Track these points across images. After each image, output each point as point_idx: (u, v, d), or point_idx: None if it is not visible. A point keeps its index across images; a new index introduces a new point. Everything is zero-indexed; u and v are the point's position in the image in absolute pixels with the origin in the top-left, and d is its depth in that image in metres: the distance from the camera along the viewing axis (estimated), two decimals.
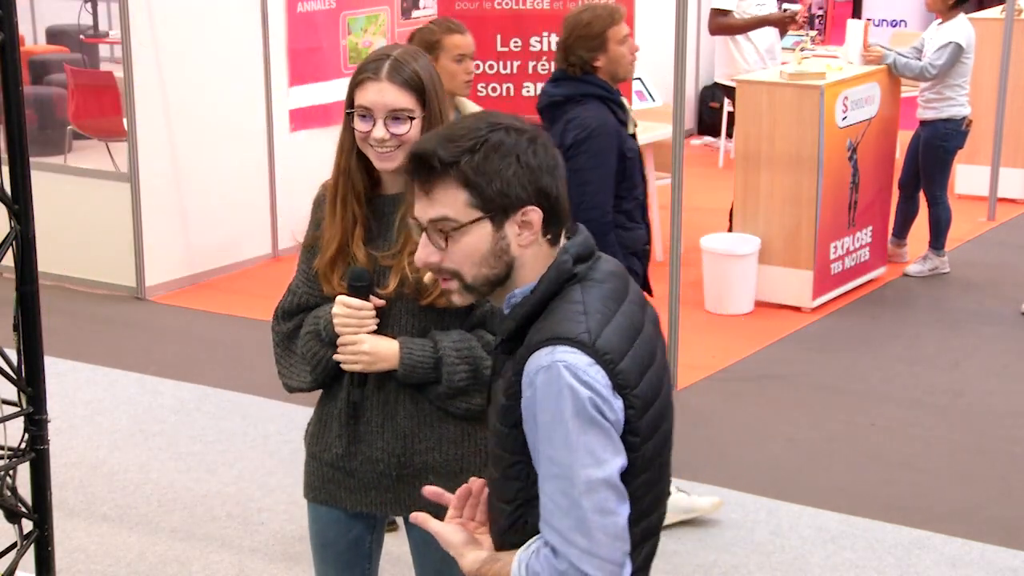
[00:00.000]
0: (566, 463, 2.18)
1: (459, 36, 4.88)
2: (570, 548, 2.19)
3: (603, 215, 4.59)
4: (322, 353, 3.03)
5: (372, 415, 3.06)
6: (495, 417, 2.32)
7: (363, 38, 8.69)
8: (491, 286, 2.29)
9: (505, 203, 2.23)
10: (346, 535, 3.21)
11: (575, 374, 2.17)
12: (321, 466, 3.16)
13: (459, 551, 2.38)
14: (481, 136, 2.23)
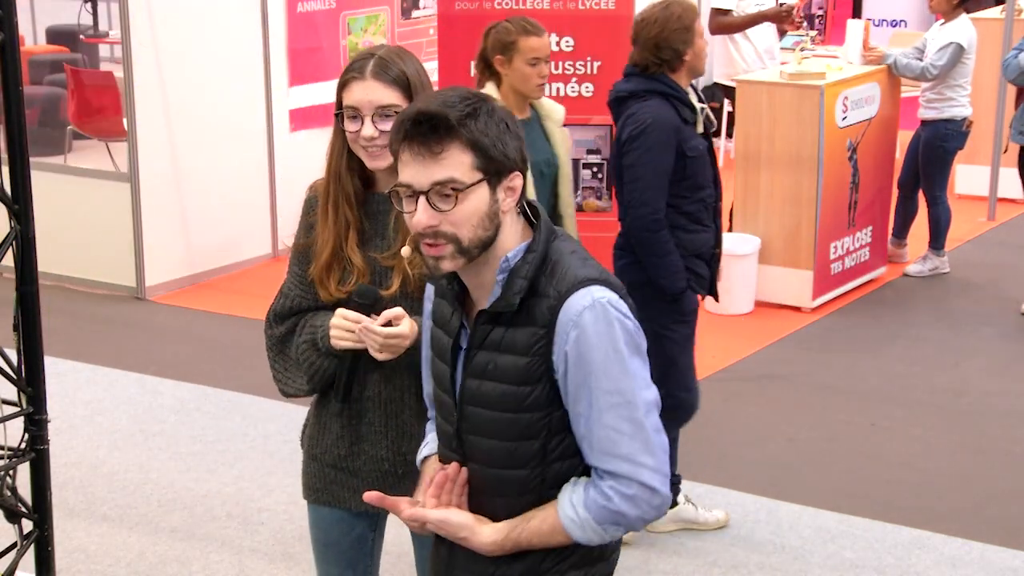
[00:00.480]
0: (627, 389, 2.30)
1: (535, 38, 4.73)
2: (640, 469, 2.31)
3: (652, 212, 4.54)
4: (319, 363, 3.02)
5: (374, 415, 3.05)
6: (506, 382, 2.35)
7: (363, 38, 8.69)
8: (482, 248, 2.33)
9: (502, 166, 2.30)
10: (349, 534, 3.21)
11: (617, 308, 2.31)
12: (323, 467, 3.15)
13: (473, 529, 2.41)
14: (474, 103, 2.30)
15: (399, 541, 4.18)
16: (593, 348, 2.28)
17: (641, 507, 2.33)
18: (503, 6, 6.52)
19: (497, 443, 2.39)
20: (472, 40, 6.54)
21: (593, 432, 2.32)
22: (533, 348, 2.32)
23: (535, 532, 2.37)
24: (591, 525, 2.34)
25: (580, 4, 6.48)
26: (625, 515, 2.33)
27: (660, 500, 2.35)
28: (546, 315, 2.30)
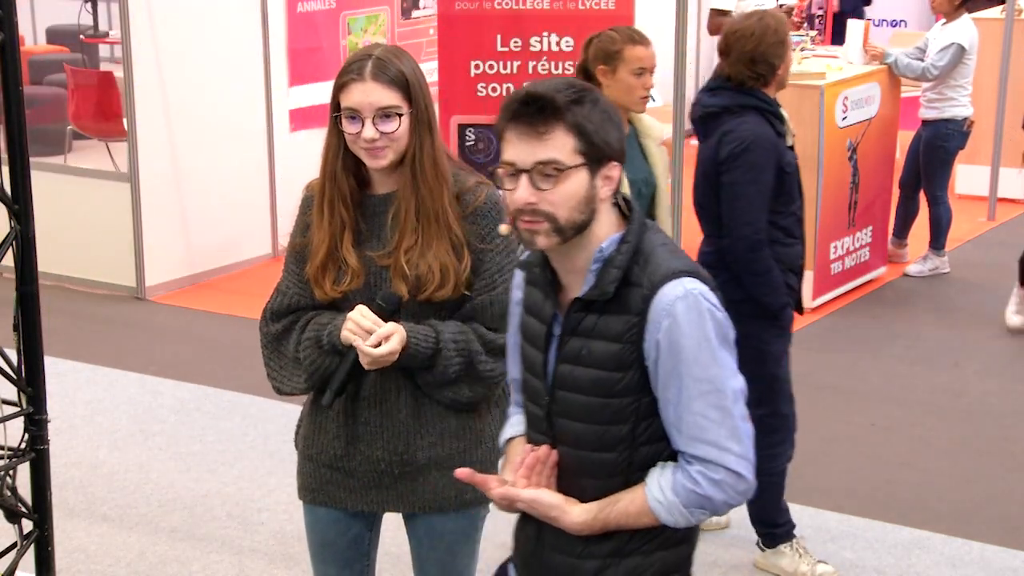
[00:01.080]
0: (716, 378, 2.39)
1: (641, 48, 4.58)
2: (727, 455, 2.39)
3: (755, 231, 4.44)
4: (320, 361, 3.01)
5: (370, 415, 3.05)
6: (599, 368, 2.43)
7: (363, 38, 8.69)
8: (577, 231, 2.41)
9: (603, 154, 2.40)
10: (345, 534, 3.21)
11: (708, 299, 2.40)
12: (318, 467, 3.14)
13: (563, 509, 2.49)
14: (579, 91, 2.40)
15: (398, 541, 4.18)
16: (684, 337, 2.37)
17: (727, 492, 2.41)
18: (503, 6, 6.52)
19: (587, 426, 2.47)
20: (472, 40, 6.58)
21: (682, 419, 2.40)
22: (625, 335, 2.40)
23: (623, 513, 2.45)
24: (678, 508, 2.42)
25: (580, 4, 6.48)
26: (711, 499, 2.42)
27: (745, 486, 2.43)
28: (639, 304, 2.39)
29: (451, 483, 3.08)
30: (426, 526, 3.17)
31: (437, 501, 3.12)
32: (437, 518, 3.14)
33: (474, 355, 2.97)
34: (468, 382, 3.01)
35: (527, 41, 6.53)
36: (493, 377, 3.01)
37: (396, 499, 3.12)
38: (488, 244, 2.99)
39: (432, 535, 3.17)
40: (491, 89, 6.59)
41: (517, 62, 6.55)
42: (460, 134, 6.63)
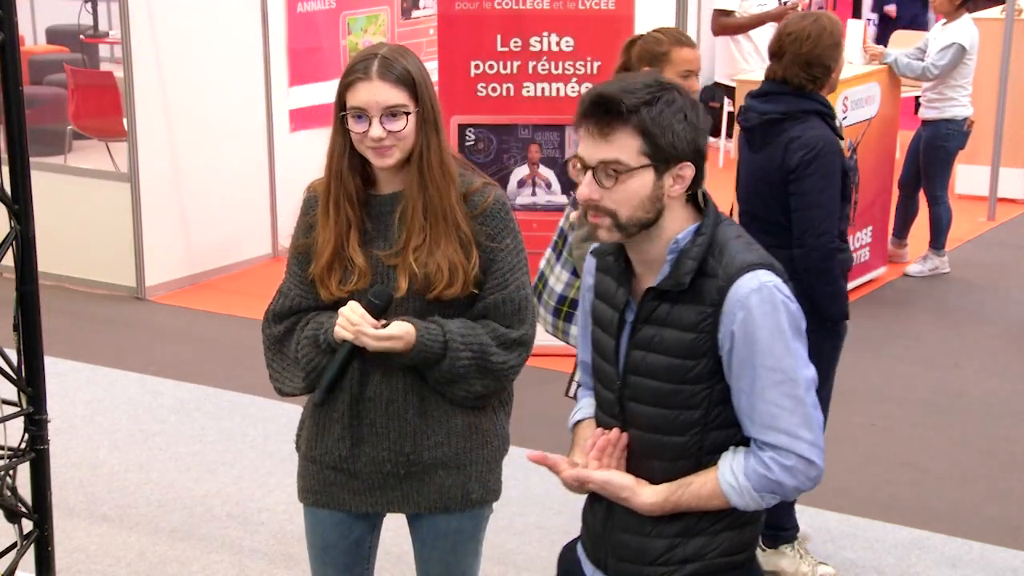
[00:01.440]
0: (789, 368, 2.47)
1: (688, 50, 4.49)
2: (798, 443, 2.48)
3: (831, 240, 4.36)
4: (317, 360, 3.01)
5: (375, 416, 3.04)
6: (671, 356, 2.51)
7: (363, 38, 8.69)
8: (640, 228, 2.50)
9: (670, 155, 2.46)
10: (348, 537, 3.20)
11: (782, 292, 2.49)
12: (322, 469, 3.13)
13: (634, 491, 2.58)
14: (656, 91, 2.45)
15: (398, 541, 4.18)
16: (759, 328, 2.45)
17: (798, 478, 2.50)
18: (503, 6, 6.52)
19: (659, 411, 2.55)
20: (472, 40, 6.58)
21: (755, 407, 2.48)
22: (700, 325, 2.48)
23: (694, 496, 2.53)
24: (750, 492, 2.51)
25: (580, 4, 6.48)
26: (783, 484, 2.50)
27: (816, 472, 2.51)
28: (714, 295, 2.47)
29: (457, 483, 3.10)
30: (430, 526, 3.16)
31: (443, 501, 3.11)
32: (442, 518, 3.14)
33: (484, 347, 2.97)
34: (479, 376, 3.00)
35: (527, 41, 6.53)
36: (505, 370, 3.02)
37: (401, 500, 3.11)
38: (499, 243, 3.00)
39: (436, 535, 3.17)
40: (491, 89, 6.59)
41: (517, 62, 6.55)
42: (460, 134, 6.63)
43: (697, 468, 2.54)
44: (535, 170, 6.67)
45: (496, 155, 6.67)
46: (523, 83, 6.58)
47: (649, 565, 2.59)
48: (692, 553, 2.57)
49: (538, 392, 6.37)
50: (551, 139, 6.63)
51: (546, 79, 6.56)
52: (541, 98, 6.58)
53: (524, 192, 6.67)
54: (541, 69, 6.55)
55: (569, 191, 6.69)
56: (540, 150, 6.64)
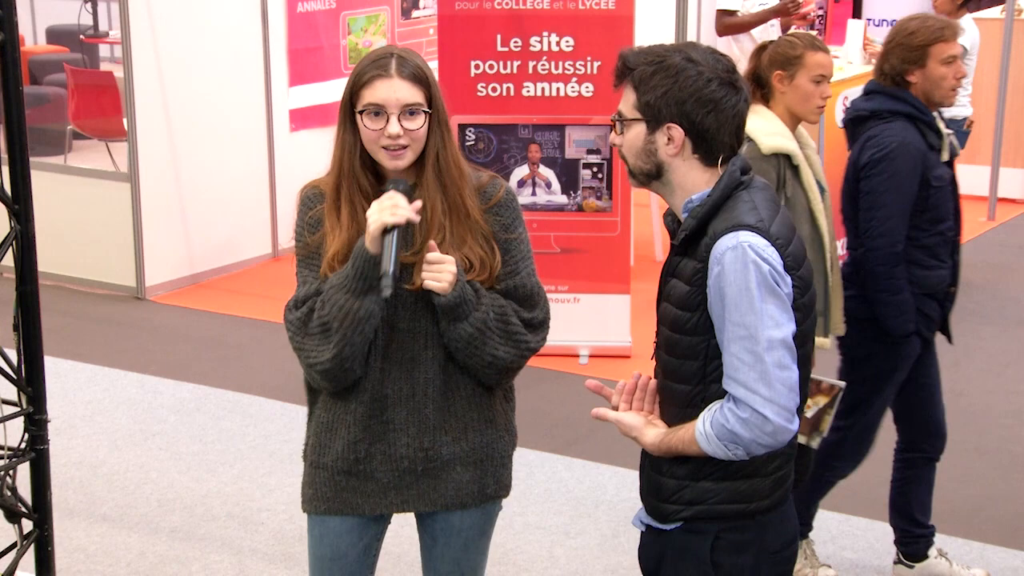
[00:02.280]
0: (752, 324, 2.60)
1: (823, 55, 4.30)
2: (753, 396, 2.60)
3: (891, 244, 4.19)
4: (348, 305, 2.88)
5: (395, 412, 3.01)
6: (676, 307, 2.70)
7: (363, 38, 8.69)
8: (646, 177, 2.76)
9: (653, 114, 2.69)
10: (358, 544, 3.16)
11: (757, 252, 2.61)
12: (333, 475, 3.08)
13: (640, 431, 2.79)
14: (661, 55, 2.71)
15: (399, 540, 4.19)
16: (728, 285, 2.60)
17: (753, 431, 2.61)
18: (503, 6, 6.52)
19: (670, 359, 2.75)
20: (472, 40, 6.58)
21: (724, 359, 2.64)
22: (693, 279, 2.67)
23: (680, 440, 2.72)
24: (713, 440, 2.65)
25: (580, 4, 6.48)
26: (739, 436, 2.62)
27: (772, 428, 2.60)
28: (703, 252, 2.65)
29: (474, 479, 3.10)
30: (444, 523, 3.15)
31: (460, 497, 3.11)
32: (456, 515, 3.13)
33: (507, 314, 2.99)
34: (502, 341, 2.98)
35: (527, 41, 6.53)
36: (526, 342, 3.02)
37: (416, 498, 3.09)
38: (513, 234, 3.04)
39: (449, 532, 3.16)
40: (491, 89, 6.59)
41: (517, 62, 6.55)
42: (460, 134, 6.63)
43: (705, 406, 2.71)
44: (535, 170, 6.67)
45: (496, 155, 6.67)
46: (523, 83, 6.58)
47: (663, 501, 2.79)
48: (697, 496, 2.74)
49: (538, 392, 6.38)
50: (551, 139, 6.63)
51: (546, 79, 6.56)
52: (541, 98, 6.58)
53: (524, 192, 6.67)
54: (541, 69, 6.55)
55: (569, 191, 6.69)
56: (540, 150, 6.64)
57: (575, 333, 6.74)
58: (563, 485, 5.40)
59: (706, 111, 2.66)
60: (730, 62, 2.73)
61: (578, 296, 6.76)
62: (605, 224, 6.69)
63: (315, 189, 3.05)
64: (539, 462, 5.59)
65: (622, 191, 6.65)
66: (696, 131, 2.68)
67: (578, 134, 6.62)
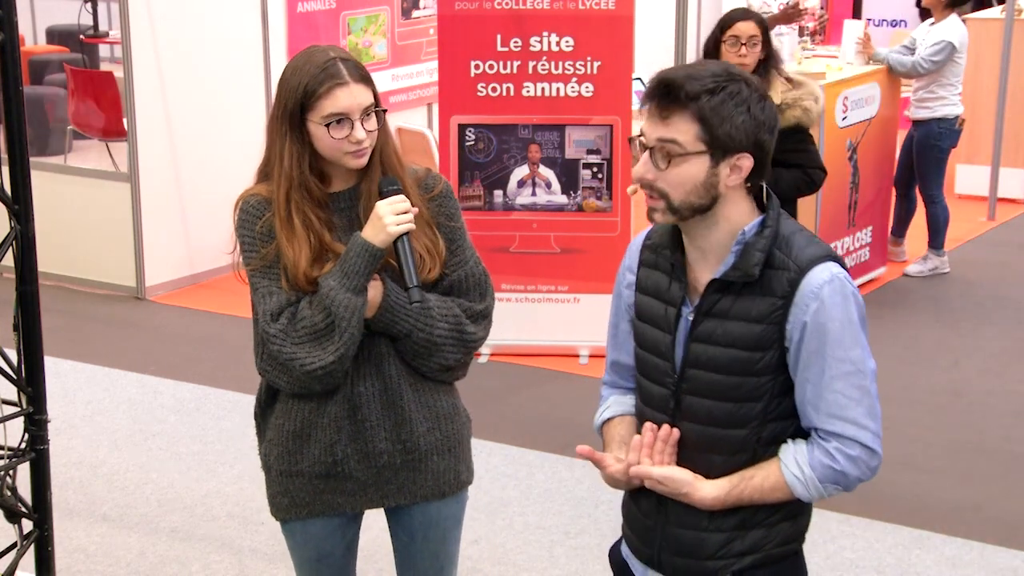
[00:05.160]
0: (858, 359, 2.51)
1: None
2: (864, 432, 2.52)
3: None
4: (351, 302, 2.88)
5: (370, 409, 3.03)
6: (738, 347, 2.52)
7: (363, 38, 8.69)
8: (693, 212, 2.52)
9: (727, 145, 2.47)
10: (342, 542, 3.19)
11: (851, 284, 2.53)
12: (310, 480, 3.08)
13: (693, 486, 2.58)
14: (722, 81, 2.48)
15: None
16: (831, 319, 2.48)
17: (860, 467, 2.53)
18: (503, 6, 6.52)
19: (720, 404, 2.56)
20: (472, 40, 6.58)
21: (823, 396, 2.51)
22: (770, 316, 2.51)
23: (757, 489, 2.56)
24: (814, 483, 2.54)
25: (580, 4, 6.48)
26: (847, 475, 2.53)
27: (877, 462, 2.55)
28: (785, 287, 2.50)
29: (450, 466, 3.14)
30: (422, 516, 3.16)
31: (439, 487, 3.13)
32: (434, 505, 3.15)
33: (459, 319, 3.03)
34: (454, 347, 3.03)
35: (527, 41, 6.53)
36: (474, 341, 3.07)
37: (397, 491, 3.10)
38: (456, 223, 3.08)
39: (428, 524, 3.16)
40: (491, 89, 6.59)
41: (517, 62, 6.55)
42: (460, 134, 6.64)
43: (753, 460, 2.57)
44: (535, 170, 6.67)
45: (496, 155, 6.67)
46: (523, 83, 6.57)
47: (708, 560, 2.61)
48: (750, 545, 2.61)
49: (538, 392, 6.38)
50: (551, 139, 6.63)
51: (546, 79, 6.56)
52: (541, 98, 6.57)
53: (524, 192, 6.67)
54: (541, 69, 6.55)
55: (569, 191, 6.69)
56: (540, 150, 6.64)
57: (575, 333, 6.74)
58: (563, 485, 5.40)
59: (771, 136, 2.53)
60: None
61: (578, 296, 6.76)
62: (605, 224, 6.69)
63: (257, 197, 2.99)
64: (539, 462, 5.59)
65: (622, 191, 6.65)
66: (763, 158, 2.53)
67: (578, 134, 6.62)
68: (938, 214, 8.03)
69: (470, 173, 6.65)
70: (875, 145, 7.73)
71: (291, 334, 2.94)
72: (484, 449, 5.59)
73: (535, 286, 6.76)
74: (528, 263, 6.71)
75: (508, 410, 6.09)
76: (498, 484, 5.36)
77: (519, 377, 6.50)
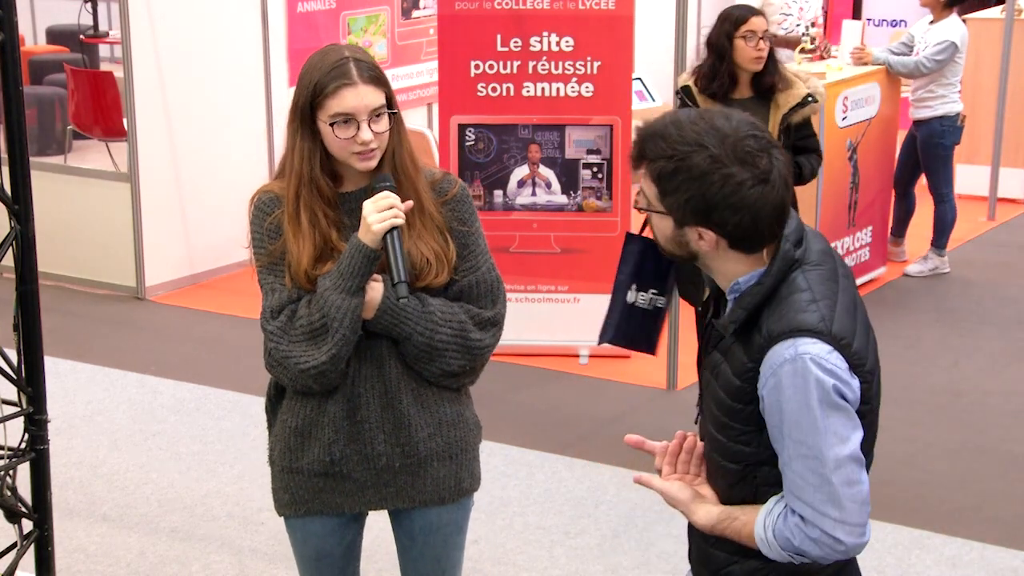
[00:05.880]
0: (815, 445, 2.35)
1: None
2: (823, 519, 2.38)
3: None
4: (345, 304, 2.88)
5: (369, 410, 3.03)
6: (723, 391, 2.46)
7: (363, 38, 8.69)
8: (685, 259, 2.47)
9: (678, 216, 2.39)
10: (341, 542, 3.19)
11: (819, 364, 2.33)
12: (309, 478, 3.09)
13: (688, 507, 2.56)
14: (681, 152, 2.35)
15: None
16: (787, 400, 2.35)
17: (823, 549, 2.42)
18: (503, 6, 6.52)
19: (718, 436, 2.51)
20: (472, 40, 6.58)
21: (785, 473, 2.42)
22: (743, 375, 2.42)
23: (736, 532, 2.51)
24: (776, 549, 2.46)
25: (580, 4, 6.48)
26: (807, 552, 2.43)
27: (844, 548, 2.41)
28: (755, 352, 2.40)
29: (450, 473, 3.12)
30: (423, 520, 3.16)
31: (439, 492, 3.12)
32: (434, 511, 3.14)
33: (463, 325, 3.01)
34: (457, 353, 3.02)
35: (527, 41, 6.53)
36: (481, 349, 3.05)
37: (395, 494, 3.10)
38: (469, 227, 3.06)
39: (428, 529, 3.17)
40: (491, 89, 6.59)
41: (517, 62, 6.55)
42: (460, 134, 6.64)
43: (755, 496, 2.50)
44: (535, 170, 6.67)
45: (496, 155, 6.67)
46: (523, 83, 6.57)
47: (712, 573, 2.61)
48: (746, 573, 2.56)
49: (538, 392, 6.38)
50: (551, 139, 6.63)
51: (546, 79, 6.56)
52: (541, 98, 6.58)
53: (524, 192, 6.67)
54: (541, 69, 6.55)
55: (569, 191, 6.69)
56: (540, 150, 6.64)
57: (575, 333, 6.74)
58: (563, 485, 5.40)
59: (739, 216, 2.35)
60: (763, 143, 2.37)
61: (578, 296, 6.76)
62: (605, 224, 6.69)
63: (270, 194, 3.02)
64: (539, 462, 5.59)
65: (622, 191, 6.65)
66: (730, 234, 2.38)
67: (578, 134, 6.62)
68: (946, 213, 8.03)
69: (470, 173, 6.65)
70: (875, 145, 7.73)
71: (288, 332, 2.95)
72: (484, 449, 5.55)
73: (535, 286, 6.76)
74: (528, 263, 6.71)
75: (508, 410, 6.09)
76: (498, 484, 5.36)
77: (519, 377, 6.50)
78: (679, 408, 6.07)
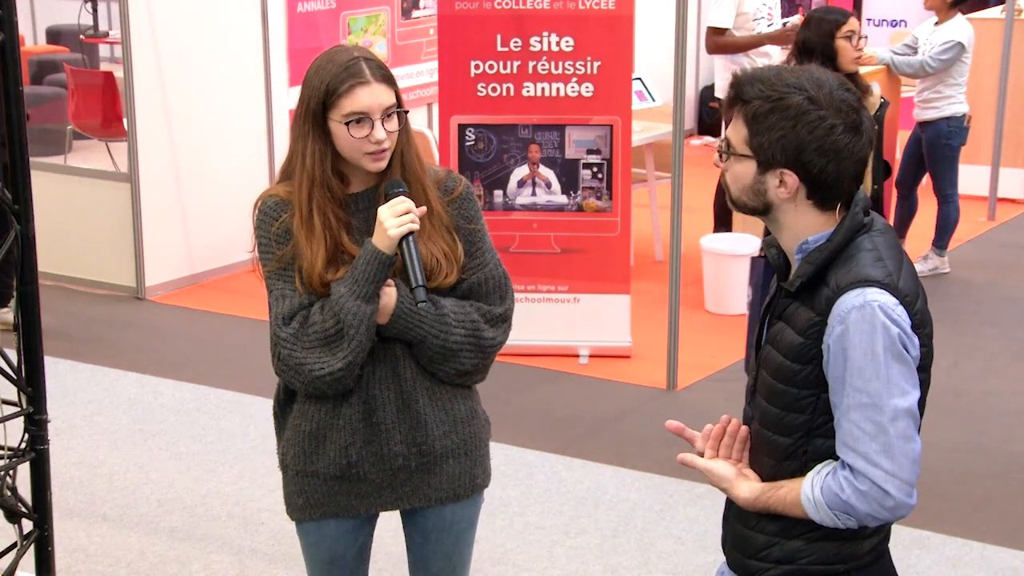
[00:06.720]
0: (876, 393, 2.40)
1: None
2: (875, 469, 2.41)
3: None
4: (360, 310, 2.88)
5: (385, 412, 3.02)
6: (783, 355, 2.51)
7: (363, 38, 8.69)
8: (749, 211, 2.55)
9: (765, 157, 2.46)
10: (354, 545, 3.18)
11: (886, 313, 2.40)
12: (325, 481, 3.08)
13: (732, 483, 2.60)
14: (780, 92, 2.45)
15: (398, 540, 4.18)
16: (853, 347, 2.40)
17: (871, 505, 2.43)
18: (503, 6, 6.52)
19: (771, 408, 2.55)
20: (472, 40, 6.58)
21: (840, 424, 2.45)
22: (808, 331, 2.46)
23: (780, 500, 2.53)
24: (823, 508, 2.47)
25: (580, 4, 6.48)
26: (854, 508, 2.44)
27: (893, 503, 2.43)
28: (823, 305, 2.44)
29: (465, 470, 3.13)
30: (436, 518, 3.16)
31: (454, 490, 3.12)
32: (448, 508, 3.14)
33: (476, 324, 3.01)
34: (471, 353, 3.02)
35: (527, 41, 6.53)
36: (493, 346, 3.06)
37: (411, 494, 3.10)
38: (476, 225, 3.07)
39: (441, 527, 3.16)
40: (491, 89, 6.59)
41: (517, 62, 6.55)
42: (460, 134, 6.64)
43: (803, 471, 2.52)
44: (535, 170, 6.67)
45: (496, 155, 6.67)
46: (523, 83, 6.57)
47: (749, 558, 2.63)
48: (786, 555, 2.57)
49: (538, 392, 6.38)
50: (551, 139, 6.63)
51: (546, 79, 6.56)
52: (541, 98, 6.58)
53: (524, 192, 6.67)
54: (541, 69, 6.55)
55: (569, 191, 6.69)
56: (540, 150, 6.64)
57: (575, 333, 6.74)
58: (563, 485, 5.40)
59: (826, 160, 2.43)
60: (856, 99, 2.48)
61: (578, 296, 6.76)
62: (605, 224, 6.69)
63: (275, 198, 3.01)
64: (539, 462, 5.59)
65: (622, 191, 6.65)
66: (813, 180, 2.46)
67: (578, 134, 6.62)
68: (950, 213, 8.03)
69: (470, 173, 6.65)
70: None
71: (301, 339, 2.96)
72: None
73: (535, 286, 6.76)
74: (528, 263, 6.71)
75: (508, 410, 6.09)
76: (498, 484, 5.36)
77: (519, 377, 6.50)
78: (679, 408, 6.07)
